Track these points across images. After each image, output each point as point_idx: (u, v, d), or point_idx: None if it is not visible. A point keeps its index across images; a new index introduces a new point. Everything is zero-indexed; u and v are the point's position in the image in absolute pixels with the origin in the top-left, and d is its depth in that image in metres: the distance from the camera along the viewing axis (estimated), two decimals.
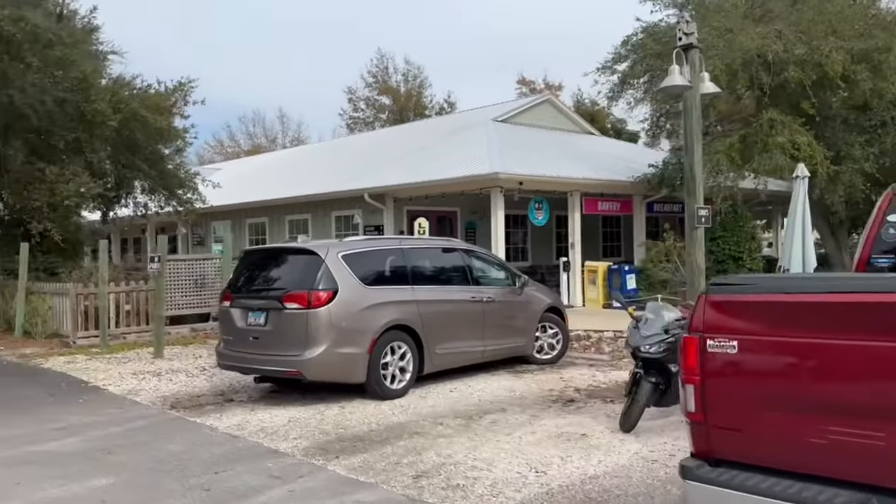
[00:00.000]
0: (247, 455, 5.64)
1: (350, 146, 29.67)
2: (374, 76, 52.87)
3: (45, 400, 8.05)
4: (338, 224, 19.96)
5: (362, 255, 7.64)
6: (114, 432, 6.44)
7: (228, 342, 7.80)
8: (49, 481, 5.03)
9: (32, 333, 13.47)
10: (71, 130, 14.15)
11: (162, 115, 16.03)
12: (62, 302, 13.32)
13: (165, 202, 18.31)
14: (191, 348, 11.98)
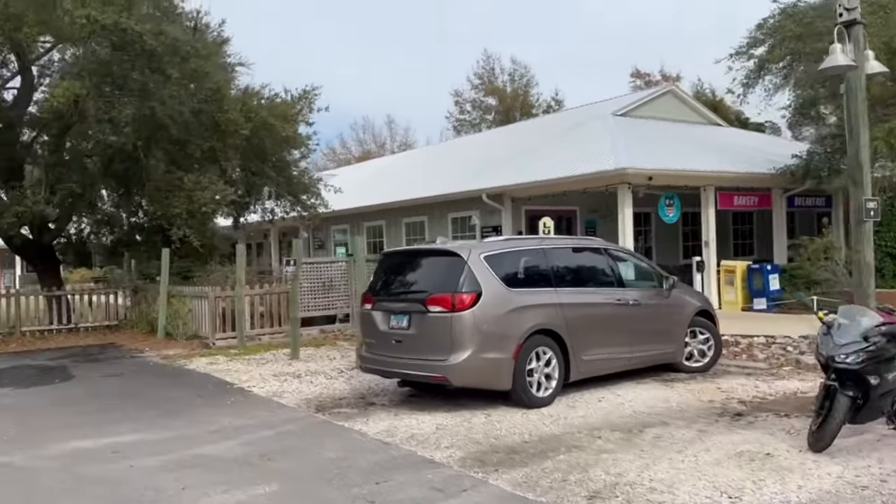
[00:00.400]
0: (403, 464, 5.44)
1: (462, 147, 29.60)
2: (480, 77, 52.84)
3: (195, 401, 8.26)
4: (454, 225, 19.82)
5: (504, 255, 7.32)
6: (266, 436, 6.44)
7: (370, 345, 7.69)
8: (213, 487, 5.02)
9: (174, 335, 14.14)
10: (206, 140, 14.75)
11: (289, 123, 16.47)
12: (201, 305, 13.90)
13: (291, 207, 18.84)
14: (323, 350, 12.11)
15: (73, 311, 16.68)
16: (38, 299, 16.55)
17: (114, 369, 10.89)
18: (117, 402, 8.28)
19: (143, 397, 8.58)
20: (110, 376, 10.25)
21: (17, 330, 15.68)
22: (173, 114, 13.40)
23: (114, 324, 16.85)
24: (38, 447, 6.29)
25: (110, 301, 17.24)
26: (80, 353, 13.05)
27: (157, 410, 7.75)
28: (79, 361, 11.87)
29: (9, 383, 9.91)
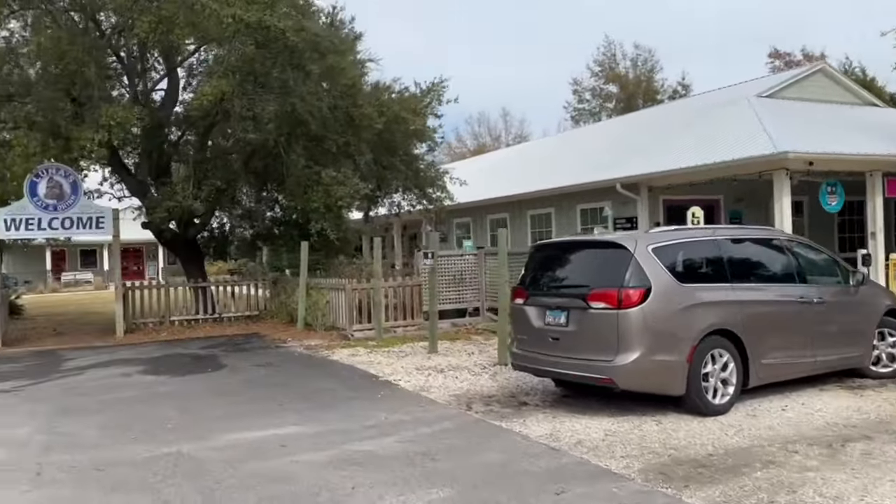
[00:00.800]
0: (578, 473, 5.03)
1: (584, 137, 28.68)
2: (601, 64, 51.26)
3: (345, 393, 8.22)
4: (584, 217, 19.11)
5: (675, 247, 6.71)
6: (424, 434, 6.22)
7: (522, 342, 7.32)
8: (383, 488, 4.82)
9: (313, 326, 14.44)
10: (340, 135, 14.94)
11: (418, 117, 16.43)
12: (338, 297, 14.10)
13: (417, 200, 18.87)
14: (458, 344, 11.90)
15: (217, 302, 17.50)
16: (185, 290, 17.49)
17: (261, 359, 11.18)
18: (270, 393, 8.40)
19: (293, 388, 8.66)
20: (259, 366, 10.51)
21: (166, 319, 16.63)
22: (312, 109, 13.64)
23: (254, 314, 17.52)
24: (204, 437, 6.39)
25: (251, 292, 17.95)
26: (227, 342, 13.58)
27: (311, 402, 7.77)
28: (227, 351, 12.32)
29: (165, 371, 10.38)
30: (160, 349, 12.90)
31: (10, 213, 14.34)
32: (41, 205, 14.47)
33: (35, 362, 11.84)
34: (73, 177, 14.85)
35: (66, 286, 40.31)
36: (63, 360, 11.93)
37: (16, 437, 6.60)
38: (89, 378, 9.98)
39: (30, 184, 14.40)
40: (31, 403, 8.23)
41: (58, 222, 14.64)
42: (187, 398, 8.28)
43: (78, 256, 45.98)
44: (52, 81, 13.58)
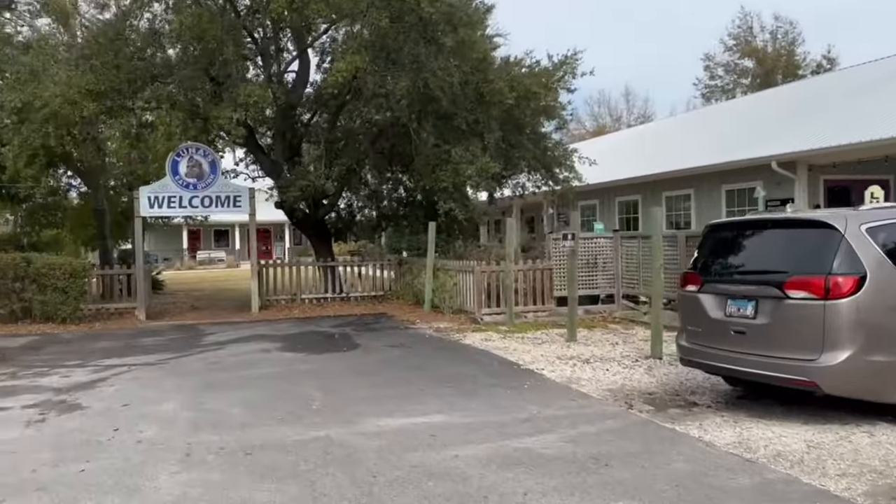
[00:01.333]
0: (792, 495, 4.20)
1: (723, 114, 26.67)
2: (736, 38, 47.86)
3: (487, 380, 7.70)
4: (729, 199, 17.61)
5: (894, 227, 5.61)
6: (588, 434, 5.55)
7: (694, 334, 6.47)
8: (557, 498, 4.21)
9: (441, 308, 14.08)
10: (470, 112, 14.40)
11: (550, 91, 15.61)
12: (465, 279, 13.65)
13: (542, 181, 18.02)
14: (597, 333, 11.11)
15: (345, 282, 17.57)
16: (313, 270, 17.66)
17: (393, 340, 10.90)
18: (408, 375, 8.02)
19: (431, 372, 8.24)
20: (392, 347, 10.21)
21: (297, 297, 16.86)
22: (444, 85, 13.17)
23: (379, 294, 17.46)
24: (350, 422, 6.05)
25: (376, 273, 17.91)
26: (357, 321, 13.47)
27: (452, 388, 7.30)
28: (359, 330, 12.16)
29: (302, 348, 10.30)
30: (294, 326, 12.97)
31: (153, 192, 14.92)
32: (182, 183, 14.96)
33: (177, 336, 12.19)
34: (211, 156, 15.24)
35: (201, 264, 42.70)
36: (203, 335, 12.21)
37: (163, 414, 6.54)
38: (230, 353, 10.05)
39: (171, 163, 14.91)
40: (176, 378, 8.28)
41: (197, 200, 15.10)
42: (327, 377, 8.05)
43: (212, 236, 48.66)
44: (192, 61, 13.91)
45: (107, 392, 7.52)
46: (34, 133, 12.82)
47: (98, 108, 13.03)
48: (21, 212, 21.93)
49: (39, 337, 12.27)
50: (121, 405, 6.88)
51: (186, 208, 15.17)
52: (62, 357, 10.03)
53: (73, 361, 9.60)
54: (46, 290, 13.45)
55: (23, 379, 8.44)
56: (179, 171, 14.95)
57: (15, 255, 13.70)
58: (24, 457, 5.24)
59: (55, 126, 12.75)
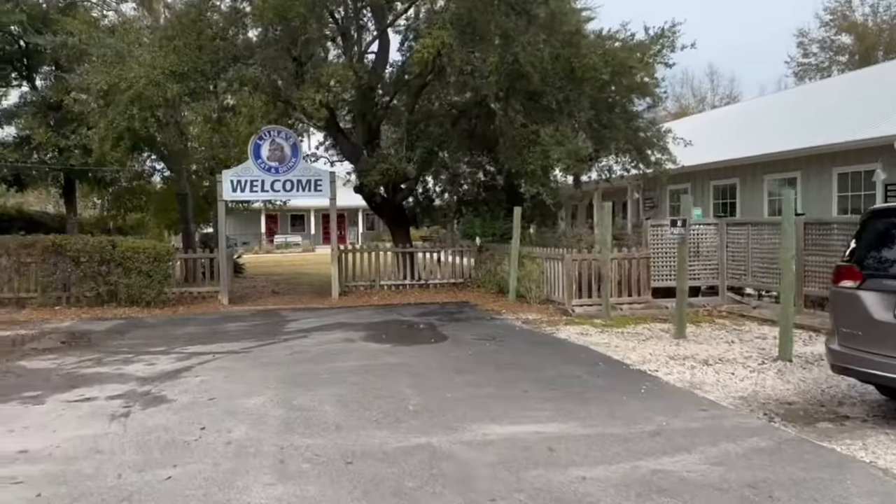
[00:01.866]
0: None
1: (823, 92, 24.67)
2: (833, 12, 44.64)
3: (596, 382, 6.96)
4: (841, 182, 16.09)
5: None
6: (733, 453, 4.76)
7: (851, 338, 5.53)
8: None
9: (527, 298, 13.37)
10: (560, 90, 13.53)
11: (646, 67, 14.54)
12: (553, 267, 12.88)
13: (632, 163, 16.95)
14: (705, 328, 10.16)
15: (423, 269, 17.09)
16: (391, 255, 17.23)
17: (481, 331, 10.27)
18: (507, 375, 7.36)
19: (531, 370, 7.55)
20: (482, 339, 9.58)
21: (376, 283, 16.49)
22: (534, 60, 12.36)
23: (459, 282, 16.90)
24: (453, 428, 5.44)
25: (455, 260, 17.33)
26: (440, 310, 12.92)
27: (559, 391, 6.60)
28: (443, 320, 11.59)
29: (388, 339, 9.81)
30: (376, 314, 12.53)
31: (236, 175, 14.74)
32: (264, 167, 14.72)
33: (260, 322, 11.94)
34: (293, 139, 14.95)
35: (278, 248, 43.32)
36: (285, 321, 11.91)
37: (252, 410, 6.11)
38: (314, 342, 9.65)
39: (253, 146, 14.69)
40: (261, 369, 7.90)
41: (279, 184, 14.84)
42: (420, 373, 7.48)
43: (288, 220, 49.35)
44: (274, 42, 13.57)
45: (192, 383, 7.19)
46: (119, 115, 12.77)
47: (181, 89, 12.87)
48: (108, 196, 22.41)
49: (124, 321, 12.26)
50: (207, 399, 6.50)
51: (268, 192, 14.95)
52: (146, 343, 9.87)
53: (158, 348, 9.41)
54: (131, 273, 13.48)
55: (108, 366, 8.25)
56: (261, 155, 14.72)
57: (101, 239, 13.79)
58: (109, 458, 4.86)
59: (139, 108, 12.66)
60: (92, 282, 13.69)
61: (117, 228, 27.69)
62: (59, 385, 7.23)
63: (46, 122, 16.43)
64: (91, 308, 13.48)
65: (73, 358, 8.78)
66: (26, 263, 13.57)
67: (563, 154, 13.06)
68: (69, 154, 16.22)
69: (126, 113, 12.71)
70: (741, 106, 35.16)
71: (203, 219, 25.89)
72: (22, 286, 13.64)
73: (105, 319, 12.41)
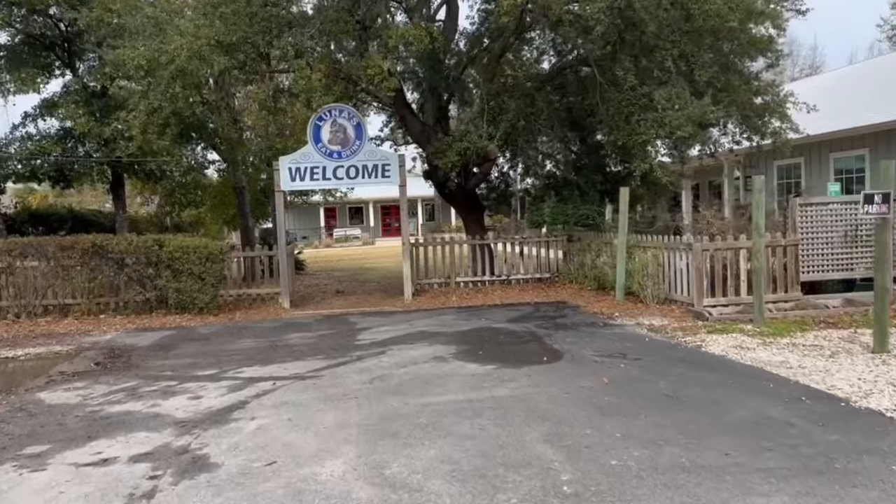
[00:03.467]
0: None
1: None
2: None
3: (826, 436, 4.71)
4: None
5: None
6: None
7: None
8: None
9: (640, 295, 11.14)
10: (674, 44, 11.19)
11: (773, 16, 12.05)
12: (674, 259, 10.62)
13: (743, 135, 14.35)
14: None
15: (506, 262, 15.03)
16: (469, 248, 15.22)
17: (602, 344, 8.14)
18: (677, 419, 5.20)
19: (706, 410, 5.39)
20: (609, 356, 7.45)
21: (451, 280, 14.54)
22: (648, 4, 10.07)
23: (545, 276, 14.80)
24: None
25: (540, 252, 15.19)
26: (535, 313, 10.83)
27: (778, 453, 4.42)
28: (546, 327, 9.49)
29: (487, 356, 7.77)
30: (460, 319, 10.55)
31: (294, 162, 12.95)
32: (325, 151, 12.88)
33: (326, 331, 10.10)
34: (356, 119, 13.05)
35: (338, 241, 41.91)
36: (356, 330, 10.04)
37: (327, 486, 4.19)
38: (396, 361, 7.70)
39: (313, 128, 12.86)
40: (335, 406, 5.98)
41: (342, 171, 12.98)
42: (551, 415, 5.41)
43: (347, 213, 47.95)
44: (335, 4, 11.65)
45: (245, 432, 5.32)
46: (160, 95, 11.10)
47: (229, 62, 11.10)
48: (162, 191, 21.10)
49: (173, 332, 10.62)
50: (264, 464, 4.60)
51: (330, 180, 13.09)
52: (194, 362, 8.13)
53: (207, 371, 7.64)
54: (181, 276, 11.85)
55: (143, 399, 6.49)
56: (322, 138, 12.88)
57: (147, 238, 12.20)
58: None
59: (182, 86, 10.96)
60: (138, 286, 12.15)
61: (175, 226, 26.56)
62: (75, 434, 5.47)
63: (90, 112, 14.98)
64: (139, 316, 11.94)
65: (104, 387, 7.08)
66: (68, 267, 12.10)
67: (682, 120, 10.74)
68: (114, 146, 14.74)
69: (168, 92, 11.03)
70: (849, 70, 31.61)
71: (261, 213, 24.46)
72: (66, 292, 12.19)
73: (152, 330, 10.81)
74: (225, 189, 22.29)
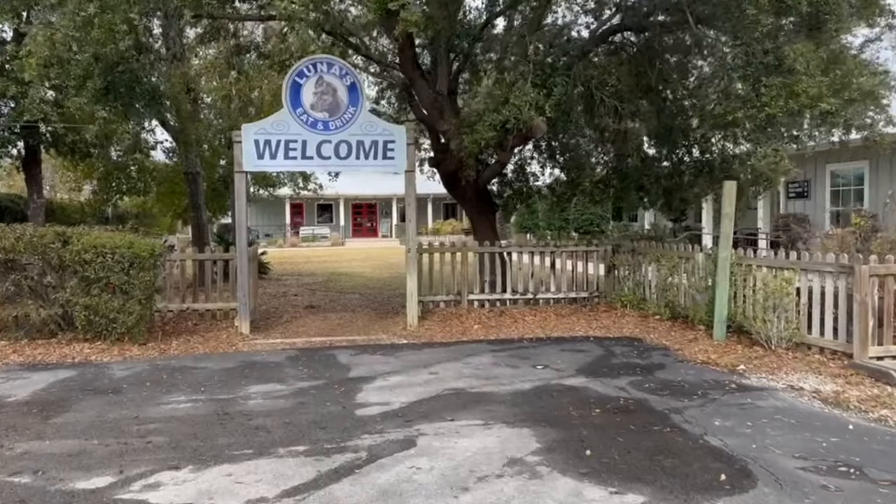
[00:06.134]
0: None
1: None
2: None
3: None
4: None
5: None
6: None
7: None
8: None
9: (754, 336, 7.82)
10: None
11: None
12: (815, 285, 7.38)
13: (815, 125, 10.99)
14: None
15: (532, 277, 11.63)
16: (481, 257, 11.74)
17: (781, 435, 4.80)
18: None
19: None
20: (834, 473, 4.11)
21: (463, 298, 11.13)
22: None
23: (582, 296, 11.52)
24: None
25: (570, 265, 11.86)
26: (609, 357, 7.45)
27: None
28: (654, 390, 6.10)
29: (606, 465, 4.38)
30: (503, 363, 7.12)
31: (264, 133, 9.37)
32: (307, 120, 9.34)
33: (305, 382, 6.57)
34: (350, 77, 9.53)
35: (304, 241, 38.08)
36: (351, 382, 6.53)
37: None
38: (440, 472, 4.22)
39: (290, 87, 9.32)
40: None
41: (330, 147, 9.44)
42: None
43: (315, 210, 43.99)
44: None
45: None
46: (69, 22, 7.43)
47: None
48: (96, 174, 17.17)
49: (72, 372, 6.99)
50: None
51: (312, 159, 9.52)
52: (81, 451, 4.58)
53: (93, 479, 4.10)
54: (93, 287, 8.18)
55: None
56: (303, 102, 9.35)
57: (45, 231, 8.47)
58: None
59: (100, 6, 7.29)
60: (34, 300, 8.44)
61: (118, 217, 22.58)
62: None
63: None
64: (33, 342, 8.30)
65: None
66: None
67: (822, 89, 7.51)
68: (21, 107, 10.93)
69: (79, 15, 7.35)
70: None
71: (219, 206, 20.68)
72: None
73: (44, 368, 7.20)
74: (176, 175, 18.56)
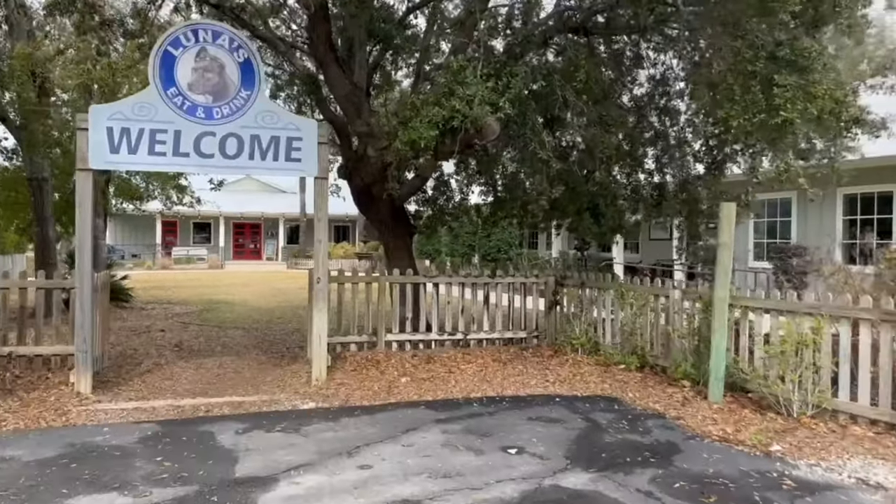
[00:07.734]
0: None
1: None
2: None
3: None
4: None
5: None
6: None
7: None
8: None
9: (768, 400, 6.18)
10: None
11: None
12: (837, 335, 5.86)
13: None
14: None
15: (462, 313, 9.62)
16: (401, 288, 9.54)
17: None
18: None
19: None
20: None
21: (379, 340, 8.96)
22: None
23: (520, 336, 9.71)
24: None
25: (507, 300, 10.01)
26: (595, 431, 5.56)
27: None
28: (676, 495, 4.23)
29: None
30: (462, 446, 5.03)
31: (121, 118, 6.84)
32: (182, 104, 6.92)
33: (163, 491, 4.16)
34: (245, 51, 7.21)
35: (178, 262, 34.23)
36: (235, 488, 4.20)
37: None
38: None
39: (162, 58, 6.87)
40: None
41: (213, 142, 7.04)
42: None
43: (191, 229, 39.96)
44: None
45: None
46: None
47: None
48: None
49: None
50: None
51: (189, 156, 7.03)
52: None
53: None
54: None
55: None
56: (177, 79, 6.93)
57: None
58: None
59: None
60: None
61: None
62: None
63: None
64: None
65: None
66: None
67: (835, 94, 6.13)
68: None
69: None
70: None
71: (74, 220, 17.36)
72: None
73: None
74: (18, 181, 15.28)
